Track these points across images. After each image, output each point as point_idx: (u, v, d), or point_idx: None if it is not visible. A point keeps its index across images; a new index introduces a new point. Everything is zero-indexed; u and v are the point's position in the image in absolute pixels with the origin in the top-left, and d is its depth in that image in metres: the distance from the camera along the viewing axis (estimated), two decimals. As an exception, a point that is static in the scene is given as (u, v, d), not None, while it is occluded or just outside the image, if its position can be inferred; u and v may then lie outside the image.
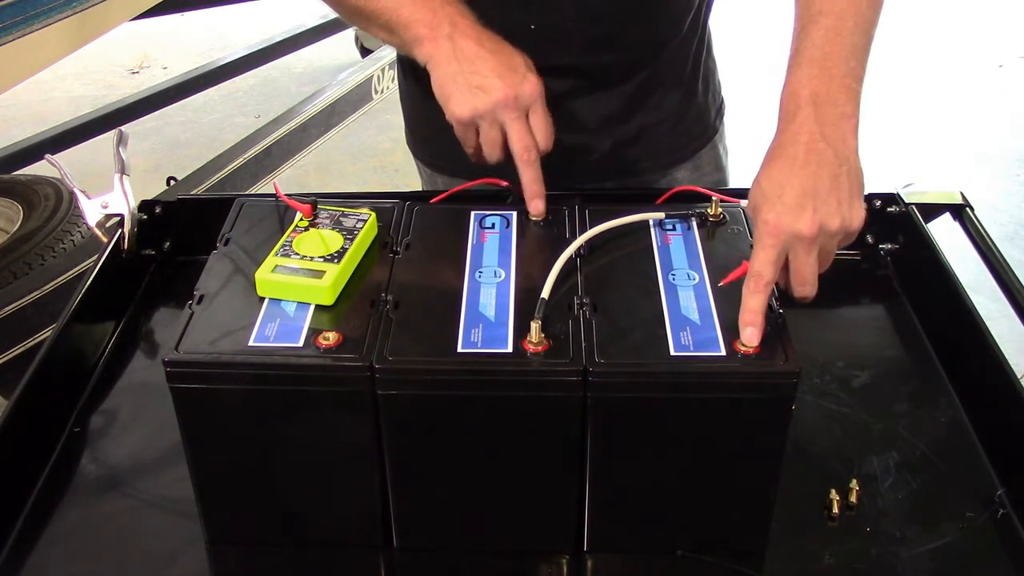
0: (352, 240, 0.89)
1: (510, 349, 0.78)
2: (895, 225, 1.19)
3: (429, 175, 1.31)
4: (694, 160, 1.28)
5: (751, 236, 0.87)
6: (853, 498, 0.89)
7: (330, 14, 1.10)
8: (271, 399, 0.79)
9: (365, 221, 0.91)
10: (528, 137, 0.96)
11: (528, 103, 0.96)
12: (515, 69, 0.96)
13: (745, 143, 1.48)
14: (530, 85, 0.96)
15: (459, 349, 0.78)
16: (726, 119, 1.34)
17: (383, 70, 3.29)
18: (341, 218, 0.92)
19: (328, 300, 0.83)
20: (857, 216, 0.84)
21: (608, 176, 1.23)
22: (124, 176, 1.14)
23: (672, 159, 1.26)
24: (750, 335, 0.78)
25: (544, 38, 1.09)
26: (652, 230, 0.93)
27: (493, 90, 0.95)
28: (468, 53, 0.96)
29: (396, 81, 1.36)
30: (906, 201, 1.18)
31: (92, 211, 1.13)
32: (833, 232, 0.83)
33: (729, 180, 1.35)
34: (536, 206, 0.96)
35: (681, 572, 0.85)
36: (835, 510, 0.88)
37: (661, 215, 0.94)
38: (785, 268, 0.84)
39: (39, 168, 2.68)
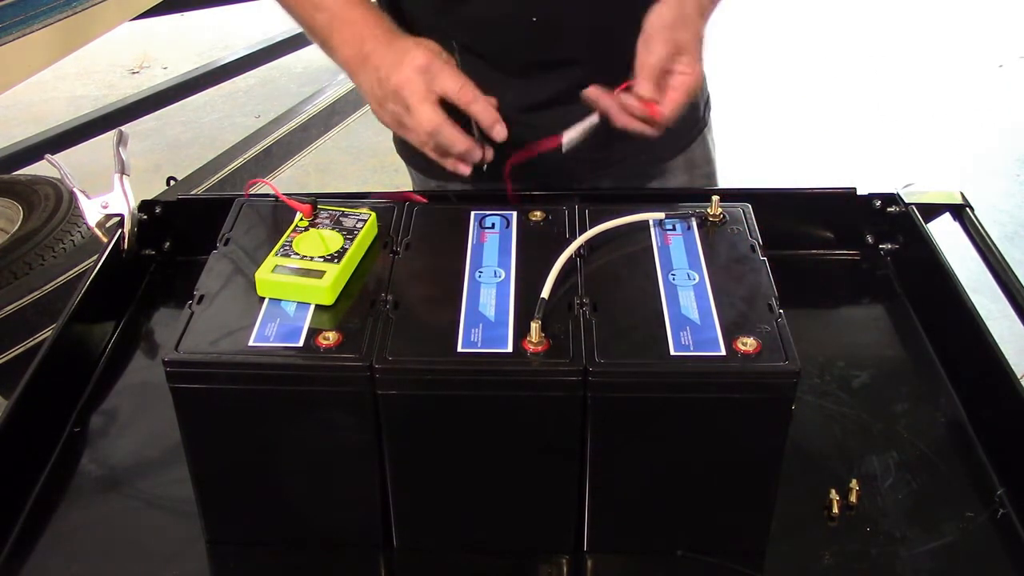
0: (352, 240, 0.89)
1: (510, 349, 0.78)
2: (895, 225, 1.19)
3: (422, 180, 1.32)
4: (686, 153, 1.29)
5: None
6: (853, 498, 0.89)
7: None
8: (271, 399, 0.79)
9: (365, 221, 0.91)
10: (450, 88, 0.98)
11: (430, 76, 0.98)
12: (400, 63, 0.99)
13: (727, 138, 1.49)
14: (418, 63, 0.99)
15: (459, 349, 0.78)
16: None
17: (383, 70, 3.28)
18: (341, 218, 0.92)
19: (328, 300, 0.83)
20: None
21: (604, 168, 1.23)
22: (124, 176, 1.14)
23: (667, 152, 1.27)
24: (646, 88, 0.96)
25: (545, 31, 1.09)
26: (652, 230, 0.93)
27: (391, 96, 1.00)
28: (374, 88, 1.02)
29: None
30: (906, 201, 1.18)
31: (92, 211, 1.13)
32: (698, 76, 1.01)
33: (717, 172, 1.35)
34: (499, 132, 0.98)
35: (681, 572, 0.85)
36: (835, 510, 0.88)
37: (661, 215, 0.94)
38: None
39: (39, 168, 2.68)
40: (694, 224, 0.93)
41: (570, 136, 1.05)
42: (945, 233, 1.16)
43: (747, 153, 3.33)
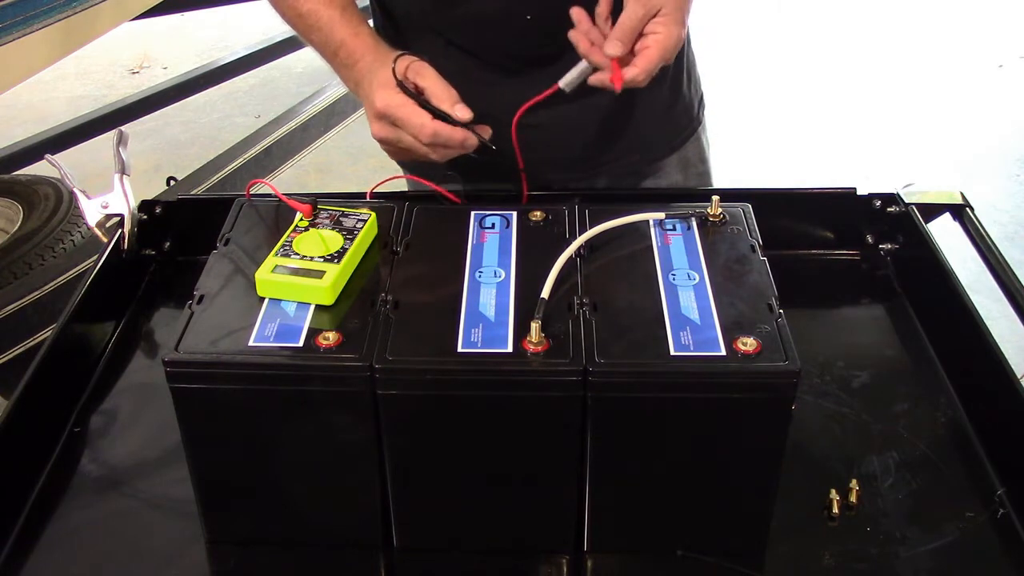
0: (352, 240, 0.89)
1: (510, 349, 0.78)
2: (895, 225, 1.19)
3: (417, 183, 1.32)
4: (681, 152, 1.29)
5: None
6: (853, 498, 0.89)
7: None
8: (271, 399, 0.79)
9: (365, 221, 0.91)
10: (414, 126, 1.01)
11: (393, 119, 1.02)
12: (371, 109, 1.04)
13: (728, 137, 1.48)
14: (375, 109, 1.02)
15: (459, 349, 0.78)
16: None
17: (383, 70, 3.28)
18: (341, 218, 0.92)
19: (328, 300, 0.83)
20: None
21: (596, 167, 1.23)
22: (124, 176, 1.14)
23: (662, 151, 1.27)
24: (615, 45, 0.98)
25: (539, 29, 1.09)
26: (652, 230, 0.93)
27: (378, 140, 1.05)
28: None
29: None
30: (906, 201, 1.18)
31: (92, 211, 1.13)
32: (672, 38, 1.01)
33: (712, 171, 1.35)
34: (470, 143, 1.02)
35: (681, 572, 0.85)
36: (835, 510, 0.88)
37: (661, 215, 0.94)
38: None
39: (39, 168, 2.67)
40: (694, 224, 0.93)
41: (567, 80, 1.06)
42: (945, 233, 1.16)
43: (747, 153, 3.33)
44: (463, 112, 1.00)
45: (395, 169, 1.32)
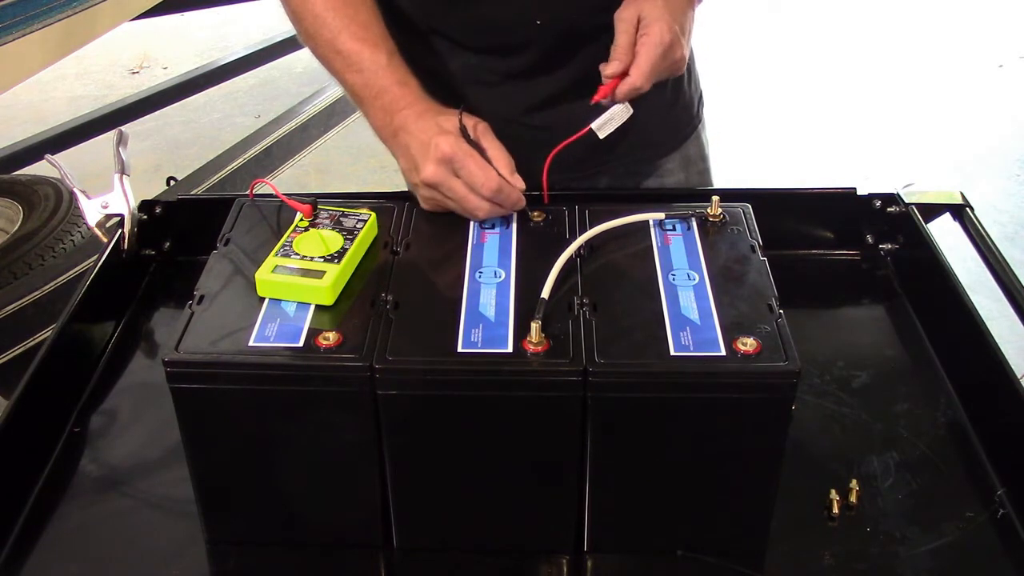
0: (352, 240, 0.89)
1: (510, 349, 0.78)
2: (895, 225, 1.19)
3: None
4: (681, 150, 1.29)
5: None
6: (853, 498, 0.89)
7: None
8: (271, 399, 0.79)
9: (365, 221, 0.91)
10: (475, 182, 0.94)
11: (455, 166, 0.95)
12: (425, 154, 0.96)
13: (729, 137, 1.48)
14: (440, 153, 0.95)
15: (459, 349, 0.78)
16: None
17: (383, 70, 3.28)
18: (341, 218, 0.92)
19: (328, 300, 0.83)
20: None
21: (598, 166, 1.23)
22: (124, 176, 1.15)
23: (663, 149, 1.27)
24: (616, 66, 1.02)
25: (548, 34, 1.09)
26: (652, 230, 0.93)
27: (430, 183, 0.95)
28: (406, 170, 1.01)
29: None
30: (906, 201, 1.18)
31: (92, 211, 1.13)
32: (658, 34, 1.03)
33: (711, 168, 1.35)
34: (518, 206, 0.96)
35: (681, 572, 0.85)
36: (835, 510, 0.88)
37: (661, 215, 0.94)
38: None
39: (39, 168, 2.67)
40: (694, 224, 0.93)
41: (599, 123, 1.06)
42: (945, 233, 1.16)
43: (747, 152, 3.33)
44: (519, 181, 0.97)
45: (394, 169, 1.32)
